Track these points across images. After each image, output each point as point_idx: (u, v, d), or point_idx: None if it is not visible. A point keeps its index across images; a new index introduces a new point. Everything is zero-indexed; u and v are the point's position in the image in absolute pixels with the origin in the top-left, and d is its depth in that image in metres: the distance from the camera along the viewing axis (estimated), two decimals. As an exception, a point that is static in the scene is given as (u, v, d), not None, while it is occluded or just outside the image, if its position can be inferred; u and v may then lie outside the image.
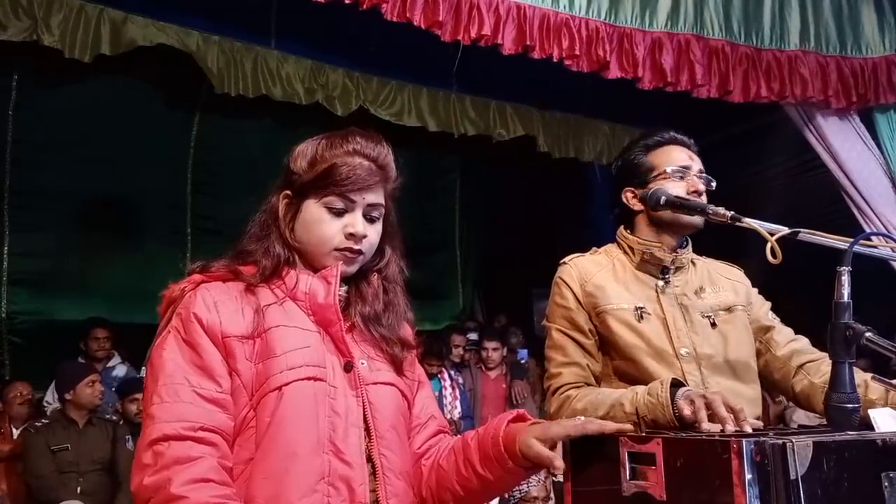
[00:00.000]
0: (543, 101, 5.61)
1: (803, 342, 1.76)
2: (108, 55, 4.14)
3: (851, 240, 1.36)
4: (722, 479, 1.01)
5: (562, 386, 1.66)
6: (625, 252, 1.78)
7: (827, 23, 4.26)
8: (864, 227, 4.28)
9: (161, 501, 1.07)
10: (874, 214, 4.33)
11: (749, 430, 1.22)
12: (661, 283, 1.72)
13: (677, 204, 1.67)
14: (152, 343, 1.23)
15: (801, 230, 1.44)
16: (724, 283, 1.79)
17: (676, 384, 1.41)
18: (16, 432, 4.12)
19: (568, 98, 5.47)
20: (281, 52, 4.76)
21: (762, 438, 1.03)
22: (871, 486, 1.07)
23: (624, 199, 1.79)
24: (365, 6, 3.29)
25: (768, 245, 1.39)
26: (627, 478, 1.17)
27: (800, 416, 4.70)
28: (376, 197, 1.31)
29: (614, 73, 3.79)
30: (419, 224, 6.57)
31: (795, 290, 1.91)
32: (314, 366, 1.21)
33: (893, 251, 1.49)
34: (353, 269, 1.31)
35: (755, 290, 1.85)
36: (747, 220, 1.50)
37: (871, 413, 1.25)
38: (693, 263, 1.79)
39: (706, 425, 1.26)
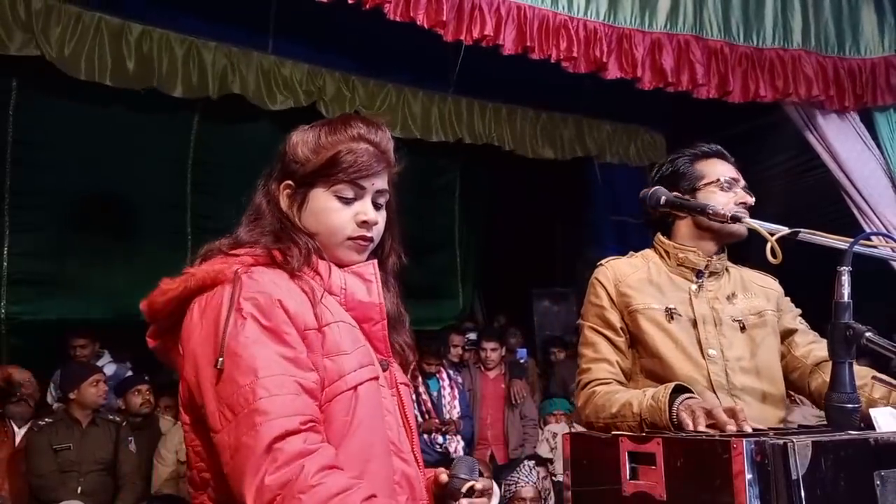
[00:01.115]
0: (544, 101, 5.61)
1: (824, 343, 1.77)
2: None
3: (851, 240, 1.36)
4: (722, 479, 1.01)
5: (590, 381, 1.70)
6: (661, 256, 1.82)
7: (826, 23, 4.25)
8: (864, 227, 4.27)
9: (293, 493, 1.00)
10: (874, 214, 4.33)
11: (749, 429, 1.23)
12: (694, 286, 1.75)
13: (676, 203, 1.67)
14: (218, 331, 1.08)
15: (801, 230, 1.44)
16: (757, 290, 1.82)
17: (680, 390, 1.41)
18: (18, 431, 4.11)
19: (567, 98, 5.47)
20: (278, 56, 4.77)
21: (762, 438, 1.04)
22: (866, 484, 1.07)
23: None
24: (367, 6, 3.27)
25: (768, 245, 1.39)
26: (627, 478, 1.17)
27: (796, 417, 4.69)
28: (383, 183, 1.28)
29: (613, 73, 3.79)
30: (419, 224, 6.54)
31: (795, 290, 1.91)
32: (373, 364, 1.19)
33: (893, 251, 1.49)
34: (362, 258, 1.28)
35: (787, 299, 1.87)
36: (747, 219, 1.50)
37: (872, 412, 1.25)
38: (728, 271, 1.82)
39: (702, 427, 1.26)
